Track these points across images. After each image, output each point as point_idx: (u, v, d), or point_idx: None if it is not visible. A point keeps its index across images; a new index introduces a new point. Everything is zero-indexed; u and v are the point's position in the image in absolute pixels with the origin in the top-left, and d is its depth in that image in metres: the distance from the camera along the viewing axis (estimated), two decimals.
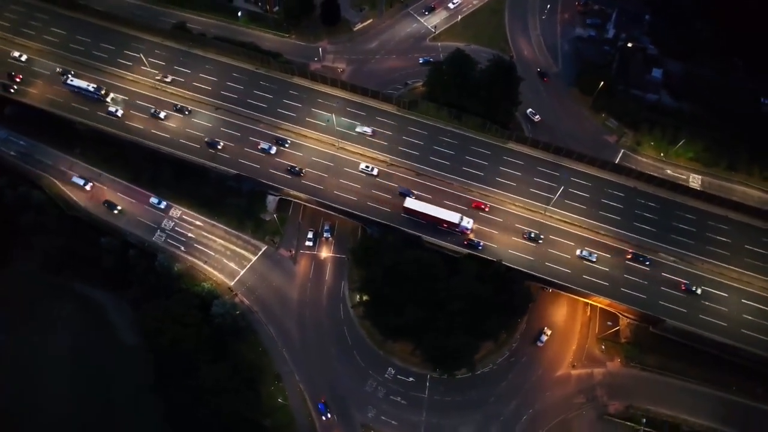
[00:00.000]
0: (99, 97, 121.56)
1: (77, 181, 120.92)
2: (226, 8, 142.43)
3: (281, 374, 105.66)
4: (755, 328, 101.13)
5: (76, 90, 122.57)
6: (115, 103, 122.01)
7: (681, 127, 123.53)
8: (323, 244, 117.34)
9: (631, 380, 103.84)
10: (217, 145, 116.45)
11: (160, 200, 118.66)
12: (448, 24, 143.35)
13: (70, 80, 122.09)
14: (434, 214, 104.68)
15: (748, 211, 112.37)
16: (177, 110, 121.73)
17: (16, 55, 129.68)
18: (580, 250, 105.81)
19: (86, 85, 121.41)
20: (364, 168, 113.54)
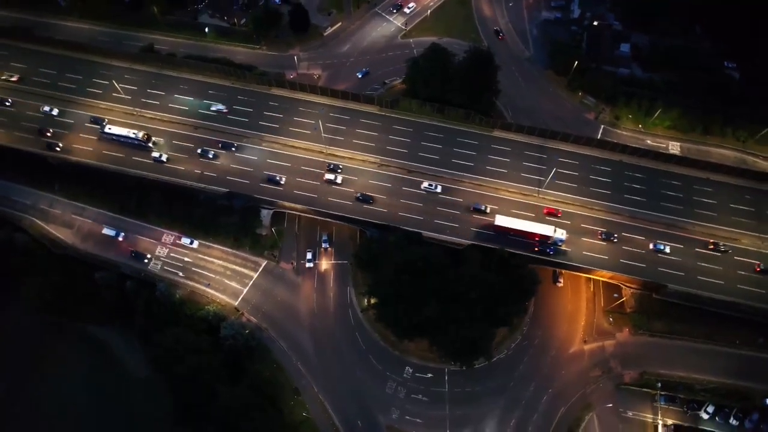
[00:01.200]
0: (141, 142, 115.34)
1: (108, 233, 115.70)
2: (192, 26, 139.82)
3: (299, 388, 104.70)
4: (750, 282, 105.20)
5: (114, 138, 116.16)
6: (159, 148, 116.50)
7: (655, 97, 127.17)
8: (323, 255, 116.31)
9: (641, 348, 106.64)
10: (277, 180, 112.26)
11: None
12: (418, 20, 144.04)
13: (108, 129, 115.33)
14: (527, 229, 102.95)
15: (727, 171, 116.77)
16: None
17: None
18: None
19: (127, 131, 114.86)
20: (427, 186, 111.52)
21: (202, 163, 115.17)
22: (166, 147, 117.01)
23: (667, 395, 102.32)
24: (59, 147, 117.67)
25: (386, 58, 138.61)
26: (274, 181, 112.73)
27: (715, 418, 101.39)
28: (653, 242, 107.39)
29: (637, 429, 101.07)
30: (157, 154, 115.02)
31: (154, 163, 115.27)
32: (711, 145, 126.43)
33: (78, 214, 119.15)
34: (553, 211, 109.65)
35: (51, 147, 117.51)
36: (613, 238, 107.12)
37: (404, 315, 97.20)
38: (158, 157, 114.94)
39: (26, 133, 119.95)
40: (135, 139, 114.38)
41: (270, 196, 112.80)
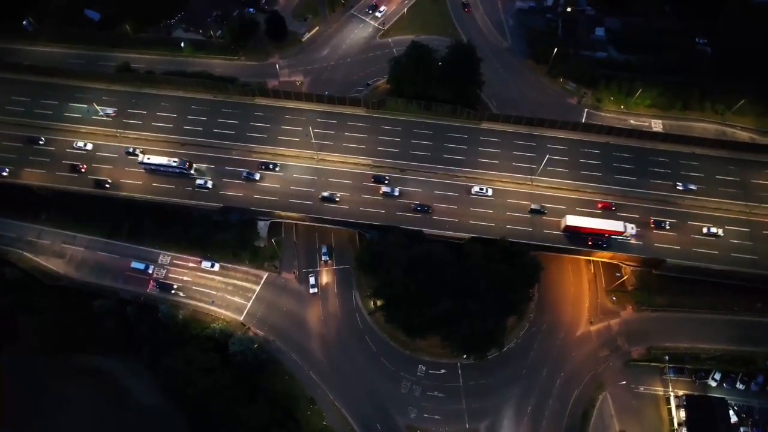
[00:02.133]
0: (183, 171, 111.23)
1: (137, 266, 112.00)
2: (167, 41, 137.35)
3: (314, 397, 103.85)
4: (742, 249, 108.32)
5: (154, 168, 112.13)
6: (202, 174, 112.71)
7: (634, 78, 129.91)
8: (323, 267, 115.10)
9: (645, 323, 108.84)
10: (334, 198, 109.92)
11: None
12: (395, 19, 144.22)
13: (147, 159, 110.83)
14: (598, 227, 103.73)
15: (710, 144, 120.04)
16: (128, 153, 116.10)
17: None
18: None
19: (167, 160, 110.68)
20: (478, 191, 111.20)
21: (247, 186, 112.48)
22: (209, 173, 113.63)
23: (675, 367, 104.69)
24: (108, 184, 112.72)
25: (367, 59, 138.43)
26: (332, 199, 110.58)
27: (723, 384, 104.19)
28: (651, 218, 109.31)
29: (650, 403, 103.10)
30: (201, 181, 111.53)
31: (198, 190, 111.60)
32: (691, 120, 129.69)
33: (69, 242, 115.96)
34: (607, 205, 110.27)
35: (100, 185, 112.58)
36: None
37: (415, 314, 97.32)
38: (203, 183, 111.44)
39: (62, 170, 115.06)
40: (177, 167, 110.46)
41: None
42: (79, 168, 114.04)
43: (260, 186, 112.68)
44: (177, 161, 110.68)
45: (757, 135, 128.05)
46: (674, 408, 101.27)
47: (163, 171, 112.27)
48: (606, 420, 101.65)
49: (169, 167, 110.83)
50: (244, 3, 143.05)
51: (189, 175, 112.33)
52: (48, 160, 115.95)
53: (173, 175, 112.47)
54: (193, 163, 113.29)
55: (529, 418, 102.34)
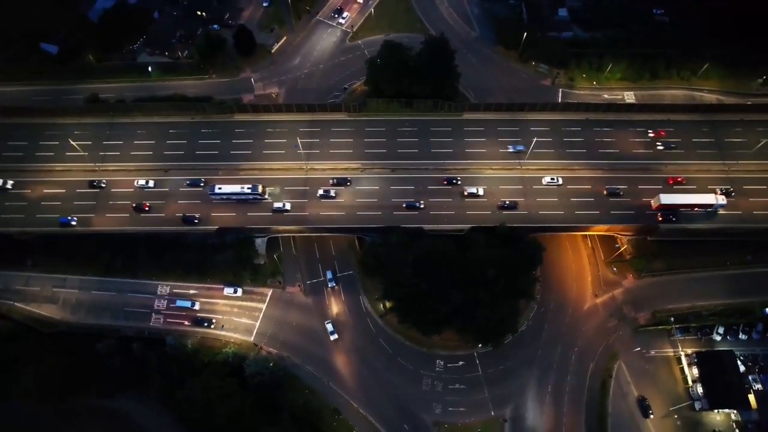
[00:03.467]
0: (257, 196, 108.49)
1: (183, 304, 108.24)
2: (134, 67, 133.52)
3: (338, 407, 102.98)
4: (729, 205, 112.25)
5: (225, 198, 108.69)
6: (276, 197, 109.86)
7: (602, 54, 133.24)
8: (330, 293, 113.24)
9: (647, 289, 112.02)
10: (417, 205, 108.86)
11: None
12: (362, 20, 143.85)
13: (219, 189, 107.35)
14: (691, 201, 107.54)
15: (682, 109, 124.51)
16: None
17: None
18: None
19: (240, 188, 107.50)
20: (550, 180, 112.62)
21: (325, 204, 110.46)
22: (283, 195, 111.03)
23: (680, 327, 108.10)
24: (197, 219, 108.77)
25: (339, 63, 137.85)
26: (414, 206, 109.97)
27: (727, 337, 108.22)
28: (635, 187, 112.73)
29: (663, 365, 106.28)
30: (279, 204, 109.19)
31: (275, 214, 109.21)
32: (661, 88, 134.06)
33: (60, 286, 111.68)
34: (679, 180, 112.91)
35: (189, 221, 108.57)
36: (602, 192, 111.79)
37: (428, 310, 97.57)
38: (281, 207, 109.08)
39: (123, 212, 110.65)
40: (251, 194, 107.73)
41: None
42: (143, 207, 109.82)
43: (338, 202, 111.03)
44: (250, 187, 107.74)
45: (722, 96, 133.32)
46: (686, 366, 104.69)
47: (235, 199, 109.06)
48: (624, 388, 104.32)
49: (242, 194, 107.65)
50: (207, 20, 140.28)
51: (263, 199, 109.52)
52: (110, 202, 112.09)
53: (246, 202, 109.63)
54: (265, 187, 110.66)
55: (551, 396, 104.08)
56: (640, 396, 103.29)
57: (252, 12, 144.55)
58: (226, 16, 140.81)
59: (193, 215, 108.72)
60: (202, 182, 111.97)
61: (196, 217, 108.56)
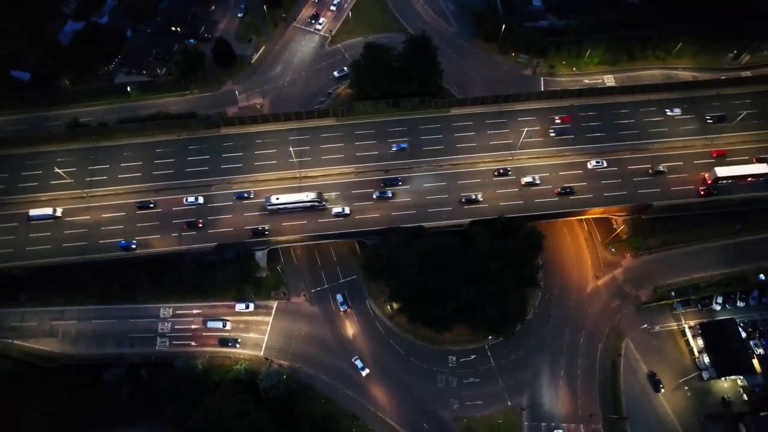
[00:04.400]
0: (318, 203, 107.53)
1: (214, 325, 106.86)
2: (112, 89, 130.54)
3: (355, 413, 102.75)
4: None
5: (281, 208, 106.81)
6: (335, 202, 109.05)
7: (579, 40, 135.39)
8: (343, 314, 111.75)
9: (646, 267, 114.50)
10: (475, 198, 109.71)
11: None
12: (339, 23, 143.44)
13: (276, 199, 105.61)
14: (748, 172, 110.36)
15: (661, 88, 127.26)
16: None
17: None
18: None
19: (297, 197, 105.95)
20: (596, 164, 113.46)
21: (382, 206, 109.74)
22: (341, 200, 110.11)
23: (681, 301, 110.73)
24: (267, 230, 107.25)
25: (321, 68, 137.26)
26: (472, 200, 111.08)
27: (726, 306, 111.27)
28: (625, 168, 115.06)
29: (668, 339, 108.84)
30: (339, 209, 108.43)
31: (338, 218, 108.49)
32: (638, 69, 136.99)
33: (57, 318, 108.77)
34: (722, 153, 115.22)
35: (260, 233, 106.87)
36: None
37: (437, 308, 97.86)
38: (342, 211, 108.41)
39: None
40: (312, 201, 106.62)
41: (263, 236, 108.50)
42: (197, 224, 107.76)
43: (395, 202, 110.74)
44: (311, 195, 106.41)
45: (697, 72, 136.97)
46: (691, 338, 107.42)
47: (292, 209, 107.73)
48: (633, 365, 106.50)
49: (300, 203, 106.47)
50: (183, 36, 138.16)
51: (322, 206, 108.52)
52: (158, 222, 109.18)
53: (303, 211, 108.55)
54: (322, 193, 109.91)
55: (564, 380, 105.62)
56: (649, 371, 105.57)
57: (227, 24, 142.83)
58: (201, 29, 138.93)
59: (262, 227, 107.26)
60: (250, 194, 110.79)
61: (266, 229, 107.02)
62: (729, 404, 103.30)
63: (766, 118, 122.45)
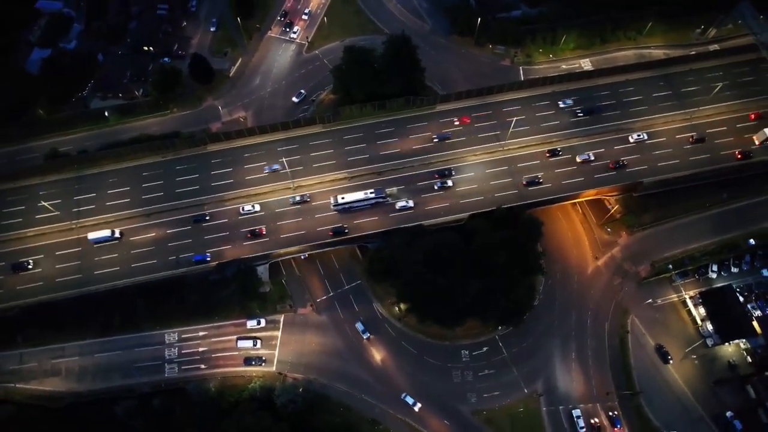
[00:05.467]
0: (382, 198, 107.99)
1: (245, 345, 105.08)
2: (88, 115, 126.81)
3: (375, 418, 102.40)
4: (696, 152, 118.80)
5: (347, 207, 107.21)
6: (396, 197, 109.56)
7: (553, 27, 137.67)
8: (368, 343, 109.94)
9: (641, 243, 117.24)
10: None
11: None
12: (314, 29, 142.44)
13: (341, 199, 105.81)
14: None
15: (636, 68, 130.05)
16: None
17: None
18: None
19: (365, 193, 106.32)
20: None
21: (445, 195, 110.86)
22: (403, 194, 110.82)
23: (679, 272, 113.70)
24: (346, 229, 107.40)
25: (301, 76, 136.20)
26: (534, 182, 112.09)
27: (721, 273, 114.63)
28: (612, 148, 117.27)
29: (671, 311, 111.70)
30: (403, 203, 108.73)
31: (402, 212, 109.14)
32: (612, 51, 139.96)
33: (58, 356, 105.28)
34: (759, 115, 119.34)
35: (340, 232, 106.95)
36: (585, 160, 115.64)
37: (447, 305, 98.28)
38: (405, 205, 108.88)
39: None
40: (376, 198, 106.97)
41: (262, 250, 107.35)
42: (260, 232, 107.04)
43: (457, 191, 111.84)
44: (374, 191, 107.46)
45: (668, 50, 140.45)
46: (692, 308, 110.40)
47: (357, 206, 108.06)
48: (641, 340, 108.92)
49: (366, 200, 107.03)
50: (156, 54, 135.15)
51: (386, 201, 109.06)
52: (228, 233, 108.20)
53: (371, 207, 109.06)
54: (383, 188, 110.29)
55: (576, 362, 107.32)
56: (657, 344, 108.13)
57: (200, 39, 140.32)
58: (174, 47, 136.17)
59: (342, 226, 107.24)
60: (308, 197, 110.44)
61: (346, 227, 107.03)
62: (735, 368, 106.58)
63: (738, 88, 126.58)
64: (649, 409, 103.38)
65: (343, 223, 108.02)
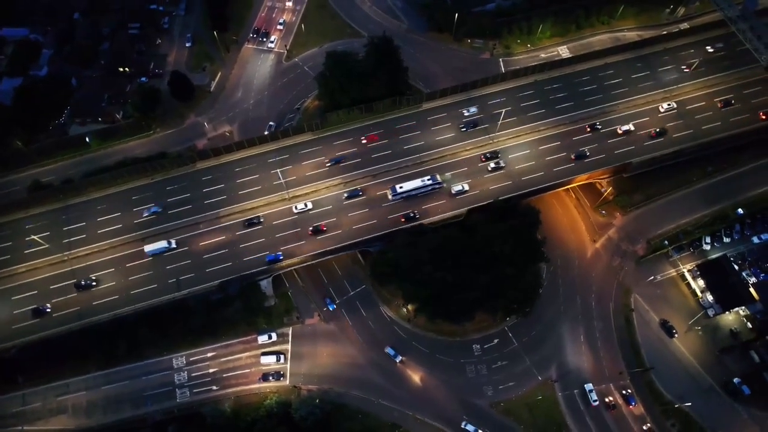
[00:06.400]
0: (437, 185, 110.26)
1: (268, 360, 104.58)
2: (69, 142, 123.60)
3: (395, 421, 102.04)
4: (680, 128, 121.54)
5: (405, 195, 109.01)
6: (451, 181, 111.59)
7: (528, 17, 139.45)
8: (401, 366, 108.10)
9: (636, 222, 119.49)
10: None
11: None
12: (292, 37, 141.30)
13: (400, 188, 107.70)
14: None
15: (613, 51, 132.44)
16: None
17: None
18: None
19: (422, 180, 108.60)
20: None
21: (495, 176, 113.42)
22: (456, 179, 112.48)
23: (675, 247, 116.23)
24: (417, 215, 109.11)
25: (283, 85, 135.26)
26: (582, 155, 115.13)
27: (714, 244, 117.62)
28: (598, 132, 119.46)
29: (671, 286, 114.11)
30: (458, 188, 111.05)
31: (456, 197, 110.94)
32: (588, 36, 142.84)
33: (63, 393, 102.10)
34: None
35: (412, 218, 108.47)
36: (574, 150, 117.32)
37: (457, 300, 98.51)
38: (461, 189, 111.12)
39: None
40: (432, 184, 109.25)
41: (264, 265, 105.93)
42: (321, 228, 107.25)
43: (506, 172, 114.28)
44: (430, 178, 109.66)
45: (641, 31, 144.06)
46: (691, 280, 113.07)
47: (415, 194, 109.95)
48: (645, 317, 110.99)
49: (423, 187, 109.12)
50: (133, 75, 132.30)
51: (441, 186, 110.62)
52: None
53: (428, 194, 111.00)
54: (437, 175, 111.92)
55: (586, 345, 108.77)
56: (661, 320, 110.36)
57: (176, 56, 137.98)
58: (151, 66, 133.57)
59: (413, 212, 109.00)
60: (360, 192, 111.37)
61: (416, 212, 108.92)
62: (737, 335, 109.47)
63: (710, 64, 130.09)
64: (660, 384, 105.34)
65: (409, 210, 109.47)
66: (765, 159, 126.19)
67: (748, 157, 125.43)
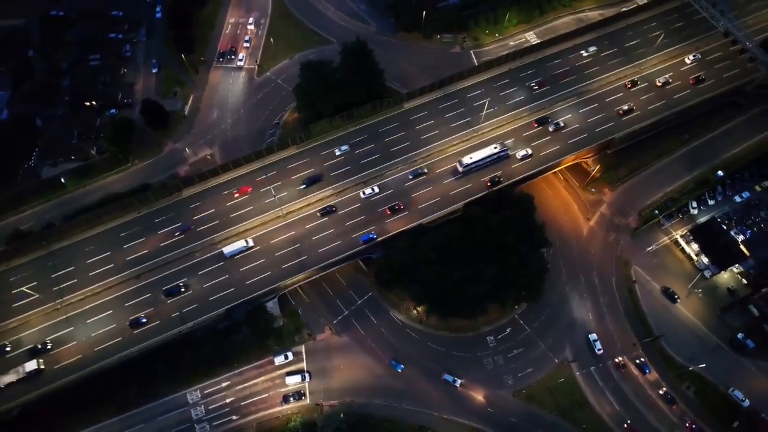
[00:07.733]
0: (504, 153, 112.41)
1: (294, 380, 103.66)
2: (43, 185, 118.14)
3: (422, 424, 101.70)
4: (655, 99, 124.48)
5: (473, 167, 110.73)
6: (515, 148, 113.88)
7: (493, 7, 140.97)
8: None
9: (624, 196, 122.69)
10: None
11: None
12: (260, 51, 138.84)
13: (470, 159, 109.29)
14: None
15: (580, 33, 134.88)
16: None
17: None
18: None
19: (488, 151, 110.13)
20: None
21: (553, 138, 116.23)
22: (519, 144, 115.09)
23: (665, 215, 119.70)
24: (501, 178, 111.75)
25: (258, 101, 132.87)
26: (627, 110, 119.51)
27: (701, 207, 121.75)
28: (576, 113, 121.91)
29: (667, 253, 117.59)
30: (524, 152, 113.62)
31: (525, 161, 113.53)
32: (552, 21, 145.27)
33: None
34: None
35: (496, 183, 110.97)
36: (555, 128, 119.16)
37: (468, 296, 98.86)
38: (526, 154, 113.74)
39: None
40: (500, 153, 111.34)
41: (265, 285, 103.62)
42: (397, 206, 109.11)
43: (560, 134, 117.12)
44: (498, 147, 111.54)
45: (602, 10, 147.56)
46: (685, 246, 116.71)
47: (483, 164, 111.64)
48: (647, 286, 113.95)
49: (491, 156, 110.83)
50: (100, 108, 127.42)
51: (506, 154, 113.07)
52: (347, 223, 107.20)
53: (494, 163, 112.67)
54: (503, 141, 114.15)
55: (595, 322, 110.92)
56: (662, 287, 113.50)
57: (144, 83, 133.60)
58: (119, 96, 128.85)
59: (497, 176, 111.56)
60: (424, 170, 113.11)
61: (500, 177, 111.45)
62: (735, 292, 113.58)
63: (672, 35, 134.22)
64: (671, 349, 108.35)
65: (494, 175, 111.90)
66: (733, 121, 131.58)
67: (719, 121, 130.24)
